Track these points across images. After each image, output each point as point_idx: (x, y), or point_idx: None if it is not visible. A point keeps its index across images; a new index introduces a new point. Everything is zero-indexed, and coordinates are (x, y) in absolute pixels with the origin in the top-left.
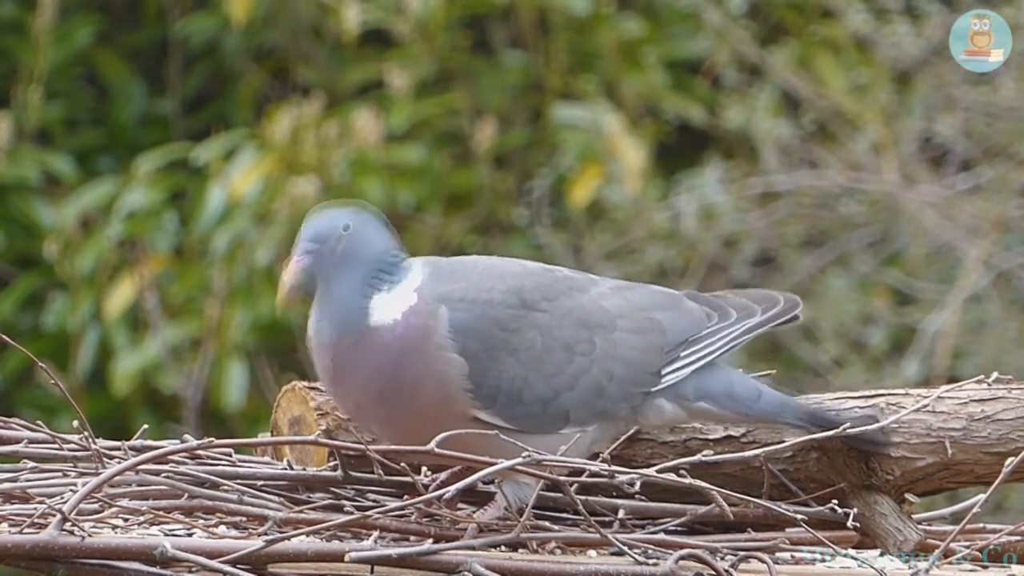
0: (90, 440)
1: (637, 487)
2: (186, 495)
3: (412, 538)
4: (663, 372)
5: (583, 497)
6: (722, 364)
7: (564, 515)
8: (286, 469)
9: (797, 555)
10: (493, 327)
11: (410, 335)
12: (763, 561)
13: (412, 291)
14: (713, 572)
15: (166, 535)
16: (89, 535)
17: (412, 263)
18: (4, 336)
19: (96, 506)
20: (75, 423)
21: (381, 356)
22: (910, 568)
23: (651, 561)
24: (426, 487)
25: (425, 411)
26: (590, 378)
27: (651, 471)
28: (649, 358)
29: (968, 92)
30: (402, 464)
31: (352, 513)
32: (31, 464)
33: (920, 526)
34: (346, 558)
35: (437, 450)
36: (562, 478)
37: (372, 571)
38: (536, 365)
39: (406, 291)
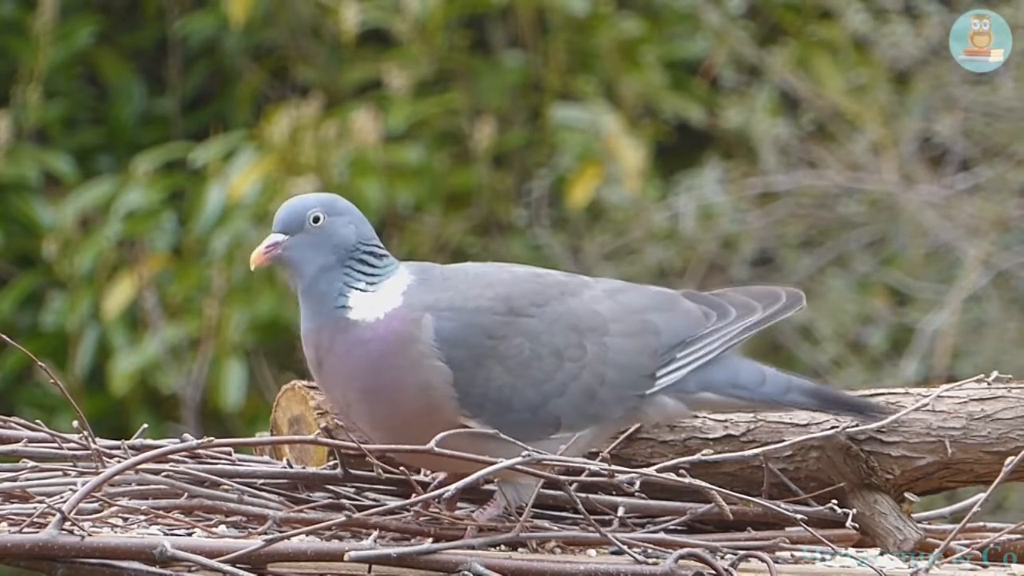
0: (90, 439)
1: (637, 486)
2: (186, 495)
3: (412, 538)
4: (657, 374)
5: (583, 495)
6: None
7: (564, 514)
8: (286, 468)
9: (797, 554)
10: (480, 335)
11: (392, 338)
12: (763, 560)
13: (399, 294)
14: (713, 571)
15: (166, 534)
16: (89, 534)
17: (398, 265)
18: (3, 335)
19: (96, 505)
20: (74, 422)
21: (361, 354)
22: (910, 567)
23: (651, 560)
24: (425, 487)
25: (411, 416)
26: (581, 383)
27: (651, 470)
28: (642, 361)
29: (967, 92)
30: (400, 468)
31: (352, 512)
32: (31, 463)
33: (920, 525)
34: (346, 557)
35: (436, 449)
36: (562, 477)
37: (370, 570)
38: (524, 372)
39: (391, 292)
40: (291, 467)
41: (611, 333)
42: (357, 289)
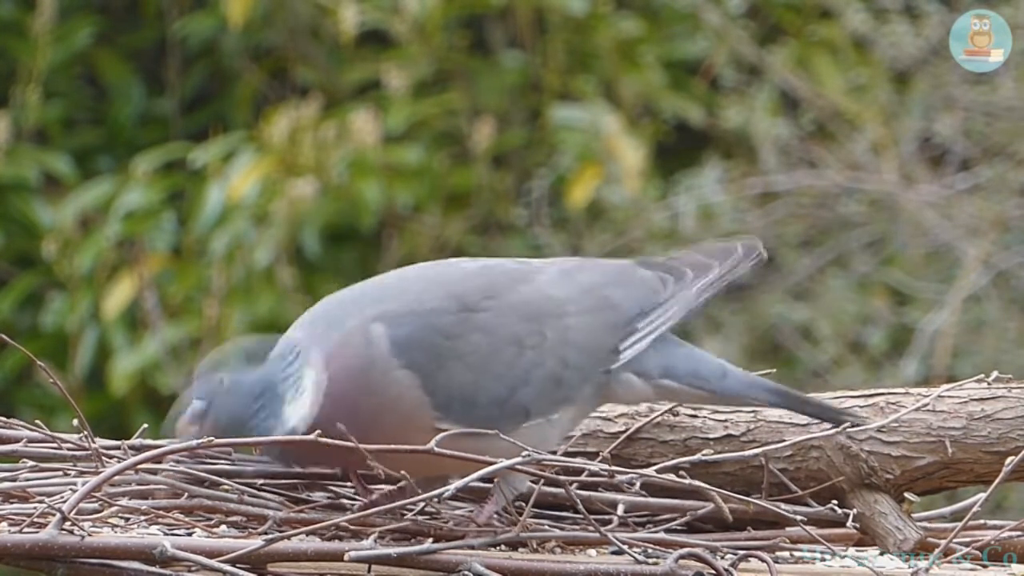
0: (89, 439)
1: (637, 487)
2: (186, 494)
3: (412, 538)
4: (621, 348)
5: (585, 493)
6: (687, 344)
7: (564, 514)
8: (286, 468)
9: (797, 554)
10: (436, 336)
11: (342, 388)
12: (763, 560)
13: (313, 381)
14: (713, 571)
15: (166, 534)
16: (89, 535)
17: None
18: (3, 335)
19: (96, 505)
20: (74, 422)
21: (325, 424)
22: (910, 567)
23: (651, 560)
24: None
25: (393, 435)
26: (544, 370)
27: (651, 471)
28: (604, 338)
29: (967, 92)
30: (402, 472)
31: (352, 512)
32: (30, 463)
33: (920, 525)
34: (346, 557)
35: (436, 449)
36: (561, 478)
37: (370, 570)
38: (485, 368)
39: (308, 380)
40: (291, 467)
41: (569, 314)
42: (283, 408)
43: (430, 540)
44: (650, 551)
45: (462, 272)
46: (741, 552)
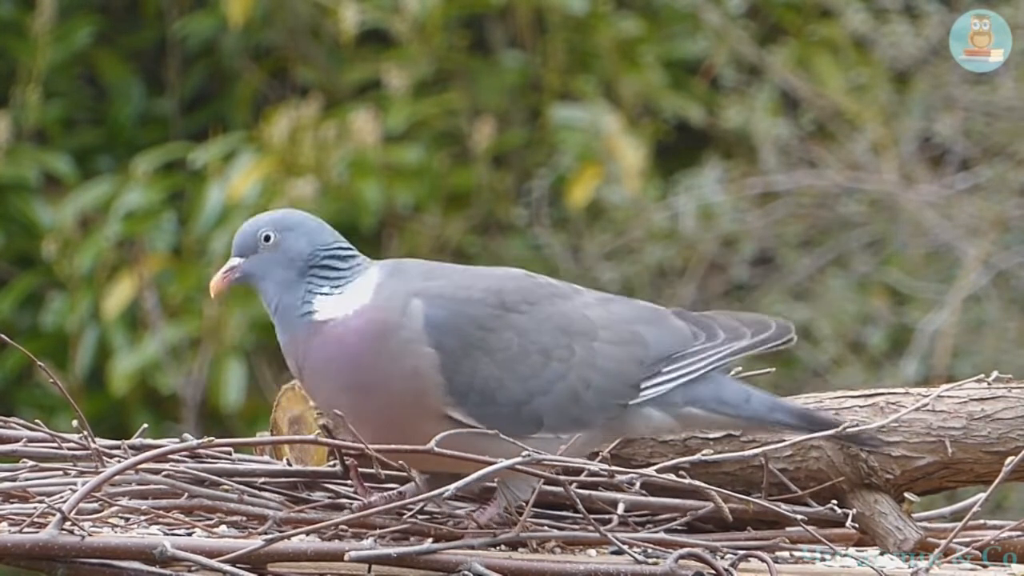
0: (89, 439)
1: (637, 487)
2: (186, 494)
3: (412, 538)
4: (642, 385)
5: (585, 492)
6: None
7: (564, 513)
8: (286, 467)
9: (797, 554)
10: (470, 324)
11: (369, 329)
12: (763, 560)
13: (368, 291)
14: (713, 571)
15: (166, 534)
16: (89, 534)
17: (369, 265)
18: (3, 335)
19: (96, 505)
20: (74, 422)
21: (337, 352)
22: (910, 567)
23: (651, 560)
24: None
25: (397, 408)
26: (566, 385)
27: (651, 471)
28: (629, 370)
29: (967, 92)
30: (400, 463)
31: (352, 512)
32: (31, 463)
33: (920, 525)
34: (346, 557)
35: (437, 449)
36: (562, 477)
37: (370, 570)
38: (511, 367)
39: (359, 290)
40: (291, 466)
41: (599, 339)
42: (321, 294)
43: (430, 540)
44: (650, 551)
45: (505, 272)
46: (741, 552)
